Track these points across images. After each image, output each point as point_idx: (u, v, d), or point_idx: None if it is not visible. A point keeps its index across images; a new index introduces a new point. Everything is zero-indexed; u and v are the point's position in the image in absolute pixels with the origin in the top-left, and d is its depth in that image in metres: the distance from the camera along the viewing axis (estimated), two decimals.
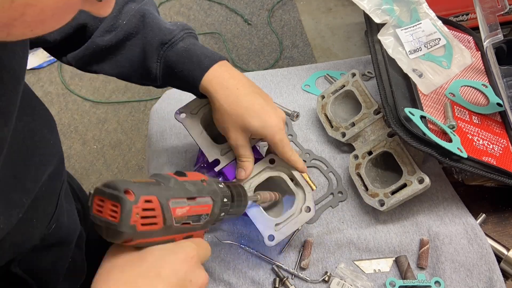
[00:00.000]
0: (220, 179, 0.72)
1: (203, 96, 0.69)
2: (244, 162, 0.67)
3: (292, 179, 0.70)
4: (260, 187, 0.68)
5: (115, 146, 2.10)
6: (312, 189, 0.74)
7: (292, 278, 0.71)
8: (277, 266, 0.72)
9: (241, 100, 0.65)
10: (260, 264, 0.72)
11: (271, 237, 0.65)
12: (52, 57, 1.89)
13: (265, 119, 0.65)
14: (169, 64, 0.67)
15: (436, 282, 0.69)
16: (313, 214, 0.67)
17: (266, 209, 0.69)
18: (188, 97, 0.71)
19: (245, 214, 0.70)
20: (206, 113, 0.71)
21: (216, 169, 0.69)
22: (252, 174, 0.69)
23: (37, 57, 2.36)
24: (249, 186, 0.68)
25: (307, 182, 0.70)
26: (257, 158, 0.70)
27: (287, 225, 0.66)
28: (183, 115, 0.70)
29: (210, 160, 0.69)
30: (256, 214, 0.66)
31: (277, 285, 0.70)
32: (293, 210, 0.67)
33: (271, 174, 0.69)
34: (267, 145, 0.71)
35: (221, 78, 0.65)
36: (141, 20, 0.67)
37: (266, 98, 0.68)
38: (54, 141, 0.61)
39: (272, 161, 0.70)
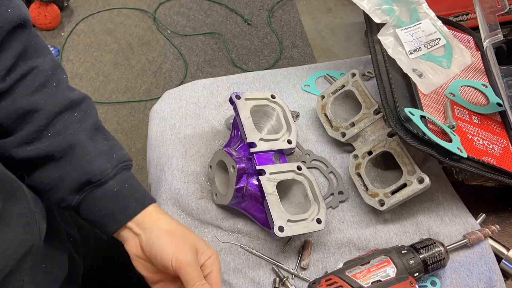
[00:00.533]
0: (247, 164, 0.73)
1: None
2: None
3: (312, 192, 0.73)
4: (279, 184, 0.71)
5: None
6: None
7: (292, 278, 0.71)
8: (277, 266, 0.72)
9: (183, 228, 0.63)
10: (260, 264, 0.72)
11: (281, 228, 0.66)
12: None
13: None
14: (91, 200, 0.60)
15: (432, 281, 0.69)
16: (323, 227, 0.69)
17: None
18: (188, 97, 0.71)
19: (254, 207, 0.72)
20: (255, 107, 0.78)
21: (252, 150, 0.73)
22: (280, 169, 0.71)
23: None
24: (274, 179, 0.70)
25: None
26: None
27: (297, 225, 0.67)
28: (239, 98, 0.77)
29: (248, 141, 0.73)
30: (274, 202, 0.67)
31: (277, 285, 0.70)
32: (306, 216, 0.69)
33: (295, 178, 0.73)
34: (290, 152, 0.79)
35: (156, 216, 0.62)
36: (69, 148, 0.58)
37: None
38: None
39: (299, 168, 0.73)
